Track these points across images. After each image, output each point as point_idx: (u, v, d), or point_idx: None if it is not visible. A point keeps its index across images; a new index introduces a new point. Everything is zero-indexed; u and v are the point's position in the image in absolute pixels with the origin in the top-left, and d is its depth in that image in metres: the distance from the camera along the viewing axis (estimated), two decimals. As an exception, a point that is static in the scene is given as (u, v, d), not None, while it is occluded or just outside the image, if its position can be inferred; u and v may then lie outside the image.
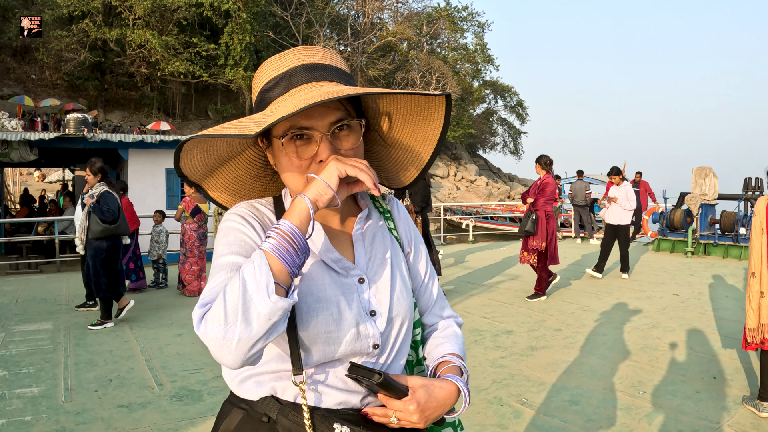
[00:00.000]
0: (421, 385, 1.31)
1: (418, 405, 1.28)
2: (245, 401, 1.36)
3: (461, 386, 1.37)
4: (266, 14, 40.82)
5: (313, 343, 1.29)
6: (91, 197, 7.41)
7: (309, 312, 1.29)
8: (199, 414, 4.67)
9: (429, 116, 1.42)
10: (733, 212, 14.15)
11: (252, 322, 1.08)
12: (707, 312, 8.01)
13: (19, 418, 4.60)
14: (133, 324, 7.66)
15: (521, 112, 60.19)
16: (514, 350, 6.30)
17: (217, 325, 1.09)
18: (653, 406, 4.75)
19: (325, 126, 1.29)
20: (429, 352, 1.55)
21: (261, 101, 1.35)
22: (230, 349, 1.09)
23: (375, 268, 1.43)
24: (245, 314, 1.08)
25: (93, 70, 38.49)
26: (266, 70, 1.36)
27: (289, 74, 1.32)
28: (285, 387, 1.33)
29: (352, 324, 1.32)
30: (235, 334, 1.08)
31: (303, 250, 1.17)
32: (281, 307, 1.09)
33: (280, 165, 1.36)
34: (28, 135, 14.97)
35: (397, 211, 1.62)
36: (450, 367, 1.44)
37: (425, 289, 1.61)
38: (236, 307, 1.08)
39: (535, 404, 4.79)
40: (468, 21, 54.87)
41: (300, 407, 1.29)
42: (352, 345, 1.32)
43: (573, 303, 8.62)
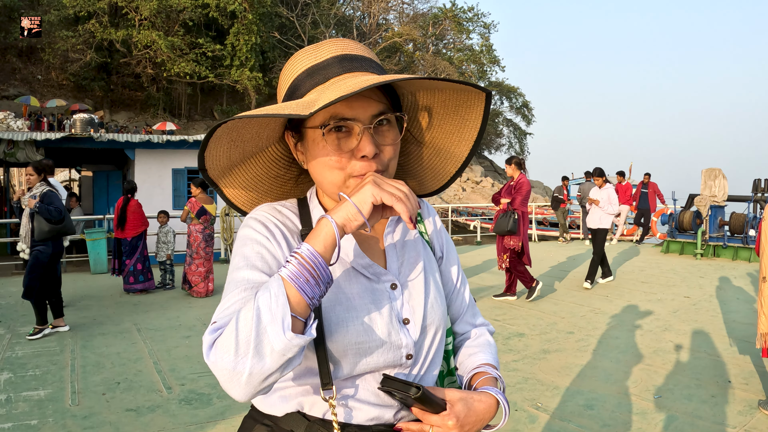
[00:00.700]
0: (459, 398, 1.24)
1: (457, 420, 1.20)
2: (269, 417, 1.29)
3: (500, 399, 1.30)
4: (272, 15, 40.89)
5: (343, 356, 1.21)
6: (33, 197, 7.04)
7: (338, 323, 1.22)
8: (209, 418, 4.60)
9: (466, 115, 1.35)
10: (742, 214, 14.06)
11: (265, 357, 1.01)
12: (719, 314, 7.93)
13: (25, 421, 4.54)
14: (140, 326, 7.61)
15: (527, 113, 60.15)
16: (526, 353, 6.23)
17: (227, 356, 1.02)
18: (669, 411, 4.67)
19: (368, 118, 1.20)
20: (462, 362, 1.48)
21: (294, 92, 1.26)
22: (240, 382, 1.02)
23: (408, 274, 1.36)
24: (258, 348, 1.01)
25: (99, 70, 38.57)
26: (300, 61, 1.28)
27: (326, 64, 1.24)
28: (313, 402, 1.25)
29: (385, 333, 1.25)
30: (246, 367, 1.01)
31: (325, 281, 1.08)
32: (297, 345, 1.01)
33: (315, 159, 1.26)
34: (35, 135, 14.97)
35: (428, 213, 1.54)
36: (486, 378, 1.37)
37: (457, 296, 1.53)
38: (249, 338, 1.01)
39: (550, 409, 4.72)
40: (474, 22, 54.87)
41: (329, 424, 1.22)
42: (385, 356, 1.25)
43: (584, 305, 8.54)
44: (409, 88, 1.31)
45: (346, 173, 1.23)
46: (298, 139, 1.31)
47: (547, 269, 12.23)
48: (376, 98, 1.23)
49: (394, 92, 1.32)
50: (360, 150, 1.20)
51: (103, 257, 12.74)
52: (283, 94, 1.31)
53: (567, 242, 18.01)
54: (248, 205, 1.47)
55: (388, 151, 1.25)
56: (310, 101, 1.14)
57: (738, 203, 15.30)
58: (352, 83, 1.12)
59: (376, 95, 1.23)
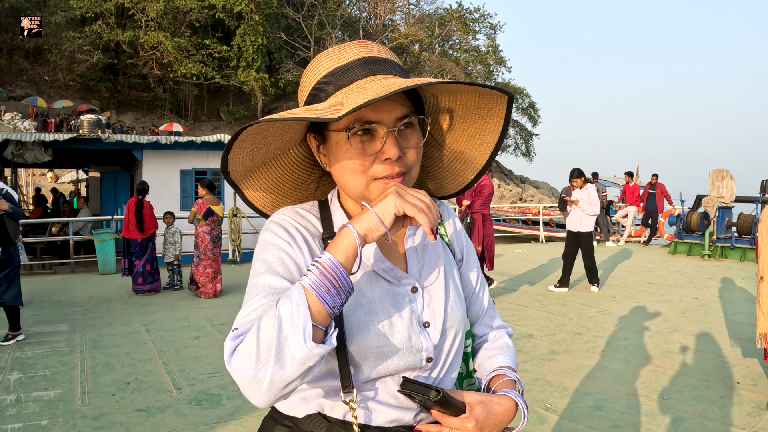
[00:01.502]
0: (478, 401, 1.24)
1: (476, 423, 1.21)
2: (289, 418, 1.30)
3: (519, 402, 1.31)
4: (278, 16, 40.96)
5: (364, 359, 1.22)
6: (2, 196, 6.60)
7: (360, 326, 1.22)
8: (219, 419, 4.61)
9: (488, 118, 1.35)
10: (750, 215, 14.03)
11: (286, 365, 1.02)
12: (727, 316, 7.91)
13: (35, 422, 4.55)
14: (149, 326, 7.63)
15: (533, 114, 60.12)
16: (535, 354, 6.23)
17: (249, 363, 1.02)
18: (678, 412, 4.66)
19: (392, 121, 1.20)
20: (480, 364, 1.48)
21: (317, 94, 1.26)
22: (260, 389, 1.03)
23: (428, 277, 1.36)
24: (279, 356, 1.01)
25: (105, 71, 38.71)
26: (322, 63, 1.28)
27: (349, 67, 1.24)
28: (333, 404, 1.26)
29: (405, 337, 1.25)
30: (267, 374, 1.02)
31: (345, 290, 1.08)
32: (317, 354, 1.02)
33: (339, 162, 1.26)
34: (43, 136, 15.01)
35: (448, 215, 1.54)
36: (505, 381, 1.37)
37: (476, 298, 1.53)
38: (270, 346, 1.02)
39: (559, 410, 4.72)
40: (480, 22, 54.88)
41: (349, 425, 1.23)
42: (405, 359, 1.25)
43: (593, 306, 8.54)
44: (432, 90, 1.31)
45: (369, 176, 1.23)
46: (320, 142, 1.31)
47: (555, 270, 12.21)
48: (400, 101, 1.23)
49: (416, 95, 1.31)
50: (384, 153, 1.20)
51: (112, 258, 12.78)
52: (305, 96, 1.30)
53: (574, 243, 17.97)
54: (269, 208, 1.47)
55: (411, 153, 1.25)
56: (336, 104, 1.15)
57: (746, 204, 15.26)
58: (378, 87, 1.12)
59: (399, 98, 1.23)
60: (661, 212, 17.73)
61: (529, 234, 24.09)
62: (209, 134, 18.08)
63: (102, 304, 9.21)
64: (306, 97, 1.30)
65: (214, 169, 16.16)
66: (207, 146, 15.78)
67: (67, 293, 10.18)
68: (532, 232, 24.10)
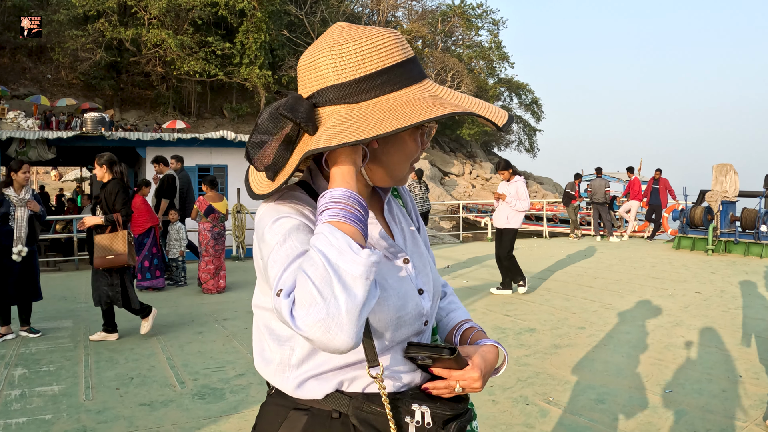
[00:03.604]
0: (474, 351, 1.37)
1: (480, 371, 1.32)
2: (303, 402, 1.32)
3: (500, 347, 1.46)
4: (281, 13, 40.90)
5: (385, 330, 1.29)
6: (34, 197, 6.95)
7: (380, 300, 1.27)
8: (222, 412, 4.63)
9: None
10: (754, 209, 13.99)
11: (351, 287, 1.02)
12: (730, 310, 7.91)
13: (39, 416, 4.57)
14: (153, 322, 7.63)
15: (536, 109, 59.99)
16: (537, 348, 6.23)
17: (315, 306, 1.00)
18: (680, 405, 4.67)
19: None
20: (440, 318, 1.63)
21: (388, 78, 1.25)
22: (340, 325, 1.00)
23: (411, 247, 1.47)
24: (341, 283, 1.01)
25: (109, 69, 38.70)
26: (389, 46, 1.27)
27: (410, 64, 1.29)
28: (353, 378, 1.30)
29: (413, 305, 1.34)
30: (341, 306, 1.00)
31: (365, 209, 1.14)
32: (374, 262, 1.04)
33: (399, 151, 1.34)
34: (46, 134, 15.04)
35: (401, 190, 1.65)
36: (479, 332, 1.53)
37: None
38: (327, 280, 1.01)
39: (562, 403, 4.73)
40: (483, 18, 54.76)
41: (373, 396, 1.29)
42: (413, 326, 1.35)
43: (595, 301, 8.54)
44: None
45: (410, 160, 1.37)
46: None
47: (558, 265, 12.22)
48: None
49: None
50: (425, 144, 1.37)
51: (115, 255, 12.78)
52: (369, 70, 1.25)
53: (578, 238, 17.99)
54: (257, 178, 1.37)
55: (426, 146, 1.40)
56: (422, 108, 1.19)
57: (749, 199, 15.23)
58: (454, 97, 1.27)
59: None
60: (665, 207, 17.70)
61: (532, 229, 24.07)
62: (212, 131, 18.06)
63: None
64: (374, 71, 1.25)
65: (217, 165, 16.17)
66: (210, 143, 15.80)
67: (71, 290, 10.21)
68: (535, 227, 24.08)
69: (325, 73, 1.25)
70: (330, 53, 1.25)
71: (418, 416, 1.27)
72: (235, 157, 16.21)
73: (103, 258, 6.45)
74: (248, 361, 5.94)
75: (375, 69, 1.24)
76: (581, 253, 14.34)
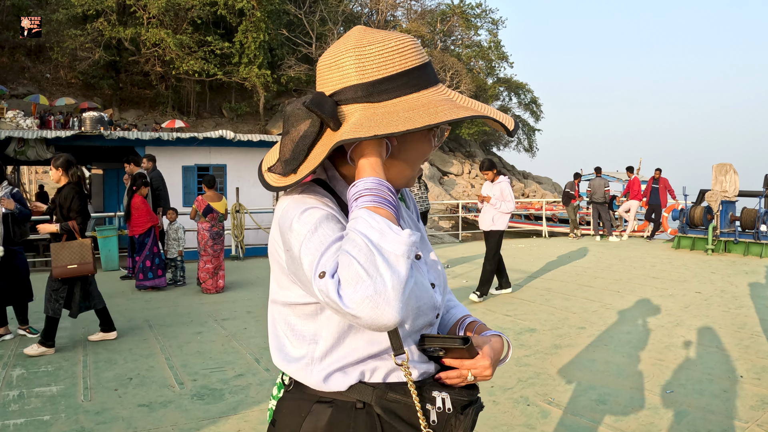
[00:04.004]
0: (484, 342, 1.42)
1: (490, 360, 1.37)
2: (326, 394, 1.37)
3: (504, 337, 1.52)
4: (280, 12, 40.92)
5: (407, 319, 1.35)
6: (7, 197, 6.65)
7: None
8: (221, 413, 4.61)
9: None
10: (753, 209, 13.99)
11: (395, 266, 1.07)
12: (731, 310, 7.89)
13: (37, 417, 4.55)
14: (152, 322, 7.63)
15: (535, 109, 59.98)
16: (538, 348, 6.22)
17: (362, 284, 1.05)
18: (681, 406, 4.65)
19: None
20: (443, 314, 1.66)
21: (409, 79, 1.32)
22: (387, 300, 1.05)
23: (421, 245, 1.52)
24: (386, 261, 1.07)
25: (108, 68, 38.69)
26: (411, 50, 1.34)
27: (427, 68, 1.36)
28: (373, 370, 1.36)
29: (429, 297, 1.41)
30: (387, 282, 1.06)
31: (395, 195, 1.22)
32: (414, 241, 1.11)
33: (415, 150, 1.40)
34: (45, 133, 15.01)
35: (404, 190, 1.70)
36: (482, 325, 1.59)
37: None
38: (371, 259, 1.07)
39: (562, 403, 4.71)
40: (482, 18, 54.75)
41: (394, 386, 1.35)
42: (428, 316, 1.41)
43: (596, 301, 8.52)
44: None
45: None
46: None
47: (558, 265, 12.21)
48: None
49: None
50: (436, 145, 1.43)
51: (114, 254, 12.79)
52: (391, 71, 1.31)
53: (578, 238, 17.98)
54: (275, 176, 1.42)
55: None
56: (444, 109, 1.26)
57: (749, 198, 15.24)
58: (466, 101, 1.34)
59: None
60: (665, 207, 17.70)
61: (531, 229, 24.07)
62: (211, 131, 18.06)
63: (105, 300, 9.18)
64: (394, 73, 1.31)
65: (216, 164, 16.16)
66: (209, 142, 15.78)
67: (69, 290, 10.17)
68: (534, 227, 24.08)
69: (348, 73, 1.30)
70: (353, 54, 1.30)
71: (439, 402, 1.33)
72: (234, 156, 16.20)
73: (64, 267, 6.19)
74: (247, 361, 5.92)
75: (396, 71, 1.30)
76: (581, 252, 14.33)
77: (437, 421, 1.32)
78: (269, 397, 4.94)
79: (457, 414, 1.34)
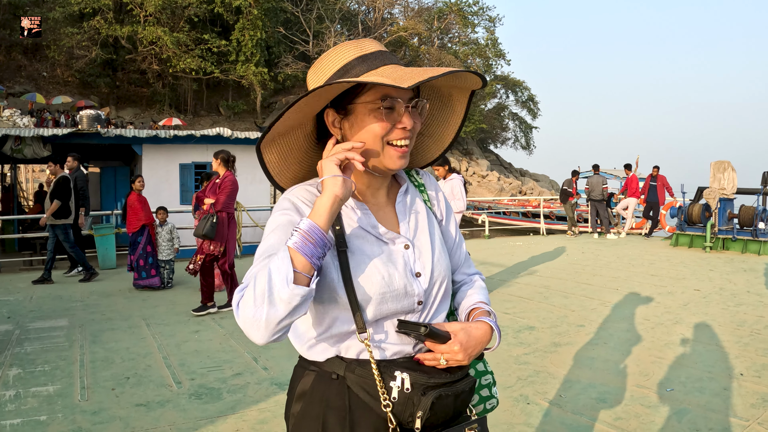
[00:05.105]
0: (460, 328, 1.55)
1: (461, 345, 1.51)
2: (314, 363, 1.58)
3: (492, 324, 1.63)
4: (277, 10, 40.88)
5: (369, 304, 1.50)
6: None
7: (365, 278, 1.51)
8: (219, 412, 4.58)
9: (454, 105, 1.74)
10: (752, 207, 13.99)
11: (276, 305, 1.29)
12: (729, 307, 7.88)
13: (34, 417, 4.52)
14: (149, 321, 7.60)
15: (532, 106, 60.09)
16: (537, 346, 6.19)
17: (248, 308, 1.31)
18: (682, 404, 4.63)
19: (407, 100, 1.52)
20: (459, 302, 1.79)
21: (346, 72, 1.52)
22: (259, 327, 1.31)
23: (417, 235, 1.67)
24: (270, 298, 1.29)
25: (104, 67, 38.64)
26: (348, 50, 1.56)
27: (374, 56, 1.53)
28: (348, 346, 1.54)
29: (401, 285, 1.55)
30: (263, 314, 1.29)
31: (321, 244, 1.36)
32: (298, 294, 1.29)
33: (363, 129, 1.53)
34: (42, 131, 14.97)
35: (428, 183, 1.86)
36: (481, 311, 1.69)
37: (454, 253, 1.85)
38: (263, 292, 1.29)
39: (563, 402, 4.68)
40: (479, 15, 54.77)
41: (363, 362, 1.52)
42: (401, 302, 1.55)
43: (594, 299, 8.50)
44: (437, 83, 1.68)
45: (385, 140, 1.53)
46: (343, 116, 1.57)
47: (556, 262, 12.19)
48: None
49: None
50: (402, 123, 1.52)
51: (112, 253, 12.75)
52: (331, 73, 1.55)
53: (576, 235, 17.97)
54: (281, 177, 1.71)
55: (416, 126, 1.57)
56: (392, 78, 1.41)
57: (747, 196, 15.23)
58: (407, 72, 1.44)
59: None
60: (663, 204, 17.70)
61: (529, 227, 24.07)
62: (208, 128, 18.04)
63: (102, 299, 9.18)
64: (332, 74, 1.55)
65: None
66: (206, 140, 15.75)
67: (66, 288, 10.15)
68: (532, 224, 24.08)
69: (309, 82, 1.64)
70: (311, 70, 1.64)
71: (398, 382, 1.46)
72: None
73: None
74: (245, 360, 5.89)
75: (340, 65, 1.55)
76: (579, 250, 14.32)
77: (398, 398, 1.45)
78: (267, 396, 4.92)
79: (418, 394, 1.45)
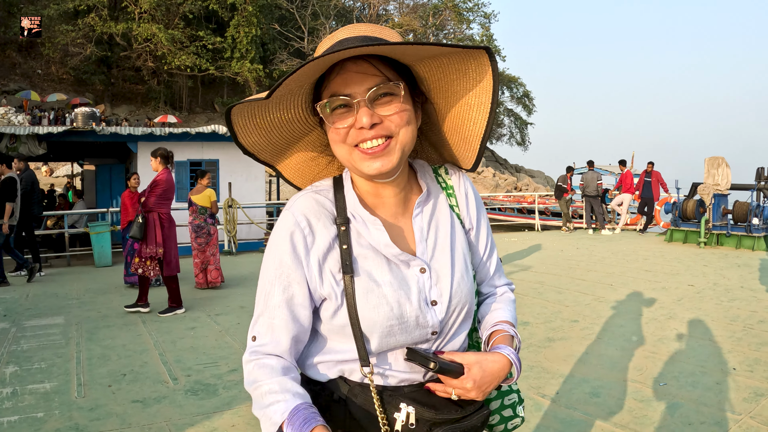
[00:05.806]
0: (475, 362, 1.36)
1: (474, 382, 1.34)
2: (316, 382, 1.45)
3: (512, 359, 1.41)
4: (272, 7, 40.83)
5: (374, 336, 1.35)
6: None
7: (371, 309, 1.34)
8: (215, 408, 4.60)
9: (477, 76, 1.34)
10: (745, 202, 14.02)
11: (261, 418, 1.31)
12: (723, 303, 7.91)
13: (31, 414, 4.54)
14: (145, 317, 7.61)
15: (528, 103, 60.11)
16: (531, 342, 6.23)
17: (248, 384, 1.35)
18: (674, 398, 4.66)
19: (363, 92, 1.28)
20: (484, 316, 1.59)
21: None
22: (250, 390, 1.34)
23: (436, 255, 1.44)
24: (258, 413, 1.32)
25: (99, 64, 38.57)
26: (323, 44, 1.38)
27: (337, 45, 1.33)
28: (352, 369, 1.40)
29: (413, 317, 1.36)
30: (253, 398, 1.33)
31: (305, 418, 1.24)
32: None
33: (329, 136, 1.37)
34: (37, 129, 14.95)
35: (458, 185, 1.56)
36: (503, 336, 1.47)
37: (483, 266, 1.60)
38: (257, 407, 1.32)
39: (556, 397, 4.72)
40: (474, 12, 54.74)
41: (367, 388, 1.38)
42: (412, 335, 1.37)
43: (588, 294, 8.54)
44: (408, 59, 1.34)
45: (349, 144, 1.33)
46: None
47: (551, 258, 12.23)
48: (372, 72, 1.30)
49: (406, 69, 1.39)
50: (357, 121, 1.29)
51: (107, 250, 12.76)
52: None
53: (570, 231, 18.01)
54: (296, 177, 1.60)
55: (394, 119, 1.31)
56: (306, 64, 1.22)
57: (741, 192, 15.27)
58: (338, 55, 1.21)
59: (371, 70, 1.30)
60: (657, 200, 17.74)
61: (524, 223, 24.10)
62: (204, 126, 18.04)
63: (98, 296, 9.19)
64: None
65: (209, 159, 16.14)
66: (201, 137, 15.74)
67: (62, 286, 10.16)
68: (527, 220, 24.12)
69: None
70: None
71: (403, 415, 1.34)
72: (227, 151, 16.17)
73: None
74: (241, 356, 5.90)
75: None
76: (573, 246, 14.35)
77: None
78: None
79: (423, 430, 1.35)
